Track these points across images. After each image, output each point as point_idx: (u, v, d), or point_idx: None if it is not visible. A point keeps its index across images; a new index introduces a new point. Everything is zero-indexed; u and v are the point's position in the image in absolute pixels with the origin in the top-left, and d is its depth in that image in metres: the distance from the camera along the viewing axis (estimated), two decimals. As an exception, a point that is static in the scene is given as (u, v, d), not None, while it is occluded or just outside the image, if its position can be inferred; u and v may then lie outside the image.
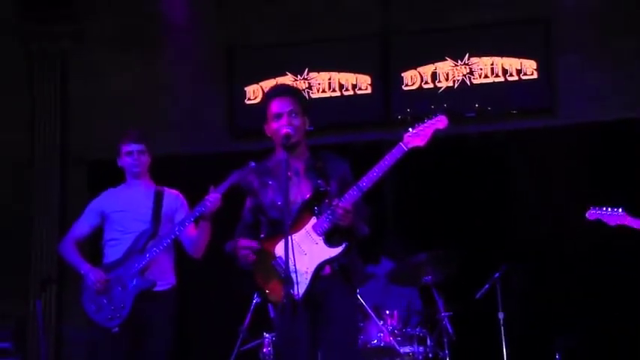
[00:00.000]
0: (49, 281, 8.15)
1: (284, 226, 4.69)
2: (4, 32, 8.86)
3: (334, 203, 4.81)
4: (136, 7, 8.96)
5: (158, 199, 6.02)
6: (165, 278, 5.93)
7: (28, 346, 8.06)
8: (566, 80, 8.37)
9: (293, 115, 5.02)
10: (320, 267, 4.89)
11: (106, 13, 9.02)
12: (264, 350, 7.06)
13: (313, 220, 4.92)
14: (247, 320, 7.15)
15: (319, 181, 4.98)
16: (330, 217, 4.85)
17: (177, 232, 5.81)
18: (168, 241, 5.81)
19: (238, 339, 7.19)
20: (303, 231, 4.92)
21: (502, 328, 7.30)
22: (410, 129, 4.91)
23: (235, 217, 5.30)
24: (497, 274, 7.37)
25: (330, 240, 4.90)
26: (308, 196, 4.98)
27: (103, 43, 8.99)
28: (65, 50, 8.98)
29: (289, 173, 4.92)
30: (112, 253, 5.93)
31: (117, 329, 5.69)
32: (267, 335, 7.08)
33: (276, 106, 5.06)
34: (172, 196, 6.09)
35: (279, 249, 4.83)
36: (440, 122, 4.95)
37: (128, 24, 8.99)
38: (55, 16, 8.87)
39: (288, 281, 4.65)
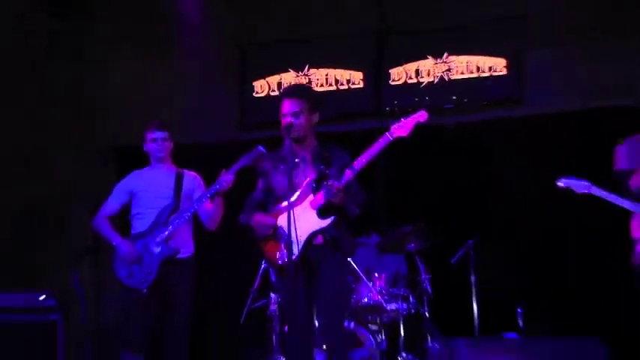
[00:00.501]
0: (86, 251, 8.30)
1: (287, 200, 5.05)
2: (28, 29, 8.69)
3: (329, 183, 5.17)
4: (153, 8, 8.91)
5: (179, 179, 6.18)
6: (185, 247, 6.08)
7: (70, 306, 7.74)
8: (532, 75, 8.40)
9: (296, 115, 5.33)
10: (312, 235, 5.27)
11: (125, 13, 9.01)
12: (271, 307, 7.23)
13: (311, 197, 5.29)
14: (257, 283, 7.33)
15: (322, 167, 5.33)
16: (325, 194, 5.21)
17: (195, 207, 5.98)
18: (188, 214, 5.99)
19: (249, 298, 7.34)
20: (302, 206, 5.27)
21: (473, 288, 7.52)
22: (395, 121, 5.26)
23: (244, 195, 5.59)
24: (469, 243, 7.58)
25: (322, 214, 5.26)
26: (311, 177, 5.33)
27: (120, 43, 8.99)
28: (94, 50, 8.96)
29: (297, 160, 5.33)
30: (139, 225, 6.10)
31: (146, 291, 5.86)
32: (273, 295, 7.26)
33: (283, 106, 5.41)
34: (191, 177, 6.27)
35: (281, 219, 5.26)
36: (421, 117, 5.30)
37: (146, 23, 8.95)
38: (82, 19, 8.88)
39: (288, 245, 4.96)
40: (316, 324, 6.24)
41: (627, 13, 8.16)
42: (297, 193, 5.30)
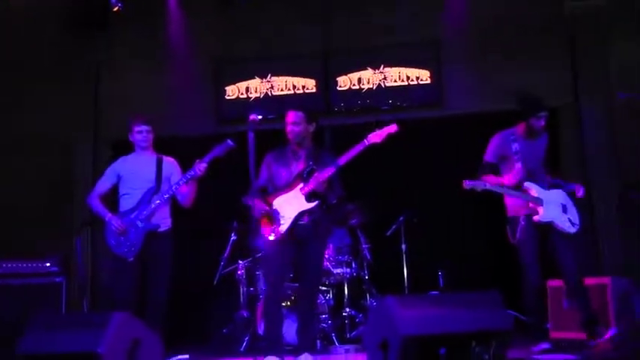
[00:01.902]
0: (86, 223, 8.09)
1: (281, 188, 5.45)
2: (52, 47, 8.81)
3: (315, 175, 5.45)
4: (152, 31, 8.94)
5: (159, 164, 6.11)
6: (165, 222, 6.02)
7: (71, 271, 7.91)
8: (449, 84, 8.50)
9: (295, 124, 5.61)
10: (299, 215, 5.47)
11: (130, 35, 8.95)
12: (239, 273, 7.35)
13: (301, 185, 5.50)
14: (227, 252, 7.42)
15: (311, 162, 5.58)
16: (311, 184, 5.45)
17: (174, 190, 5.95)
18: (168, 195, 5.95)
19: (220, 265, 7.43)
20: (292, 192, 5.51)
21: (404, 255, 7.64)
22: (373, 132, 5.56)
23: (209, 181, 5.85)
24: (401, 218, 7.69)
25: (308, 198, 5.48)
26: (302, 169, 5.58)
27: (126, 55, 8.97)
28: (99, 61, 8.97)
29: (295, 158, 5.65)
30: (126, 203, 6.02)
31: (132, 259, 5.82)
32: (240, 262, 7.38)
33: (288, 116, 5.67)
34: (169, 162, 6.20)
35: (275, 202, 5.51)
36: (392, 128, 5.64)
37: (144, 42, 8.97)
38: (92, 36, 8.84)
39: (277, 222, 5.39)
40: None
41: (516, 38, 8.46)
42: (291, 182, 5.56)
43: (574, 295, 5.84)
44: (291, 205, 5.46)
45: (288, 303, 6.94)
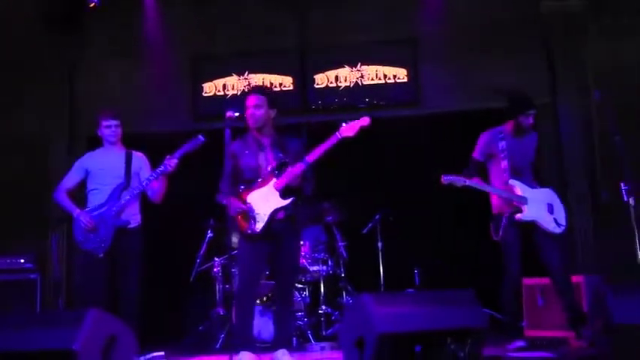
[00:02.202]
0: (60, 221, 7.91)
1: (254, 183, 5.23)
2: (26, 44, 8.73)
3: (289, 170, 5.27)
4: (126, 27, 8.87)
5: (128, 159, 6.00)
6: (135, 219, 5.92)
7: (46, 267, 8.02)
8: (426, 82, 8.52)
9: (257, 107, 5.40)
10: (275, 212, 5.29)
11: (104, 31, 8.87)
12: (215, 270, 7.34)
13: (274, 180, 5.31)
14: (203, 249, 7.42)
15: (280, 155, 5.40)
16: (285, 179, 5.26)
17: (144, 186, 5.86)
18: (137, 191, 5.85)
19: (196, 262, 7.43)
20: (266, 188, 5.31)
21: (380, 252, 7.66)
22: (344, 123, 5.36)
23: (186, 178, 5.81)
24: (377, 217, 7.72)
25: (283, 195, 5.31)
26: (274, 164, 5.37)
27: (102, 52, 8.89)
28: (73, 58, 8.89)
29: (259, 146, 5.43)
30: (94, 199, 5.90)
31: (102, 255, 5.72)
32: (216, 259, 7.37)
33: (246, 99, 5.47)
34: (138, 157, 6.09)
35: (249, 198, 5.31)
36: (364, 121, 5.43)
37: (120, 39, 8.90)
38: (65, 32, 8.78)
39: (253, 219, 5.21)
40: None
41: (493, 37, 8.51)
42: (263, 178, 5.36)
43: (561, 294, 5.86)
44: (266, 201, 5.29)
45: (264, 299, 6.93)
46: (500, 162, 5.92)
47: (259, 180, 5.34)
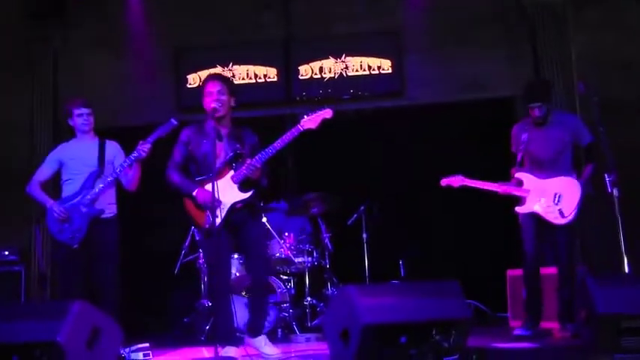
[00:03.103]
0: (44, 212, 8.01)
1: (212, 174, 5.01)
2: (10, 34, 8.71)
3: (249, 162, 5.16)
4: (111, 18, 8.83)
5: (102, 148, 5.89)
6: (110, 208, 5.82)
7: (30, 259, 8.03)
8: (410, 74, 8.55)
9: (220, 93, 5.29)
10: (234, 205, 5.22)
11: (87, 21, 8.83)
12: (200, 261, 7.28)
13: (231, 173, 5.24)
14: (188, 240, 7.33)
15: (237, 146, 5.30)
16: (245, 171, 5.17)
17: (117, 173, 5.75)
18: (111, 179, 5.74)
19: (181, 254, 7.37)
20: (223, 180, 5.21)
21: (365, 244, 7.64)
22: (305, 115, 5.25)
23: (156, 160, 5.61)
24: (362, 208, 7.70)
25: (242, 187, 5.25)
26: (230, 155, 5.27)
27: (85, 43, 8.85)
28: (56, 48, 8.86)
29: (215, 135, 5.25)
30: (69, 189, 5.81)
31: (77, 246, 5.63)
32: (201, 251, 7.15)
33: (209, 86, 5.33)
34: (112, 145, 5.99)
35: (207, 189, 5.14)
36: (327, 113, 5.32)
37: (104, 30, 8.87)
38: (49, 23, 8.74)
39: (212, 212, 5.03)
40: (233, 274, 6.28)
41: (477, 29, 8.58)
42: (219, 169, 5.23)
43: (561, 286, 5.88)
44: (224, 194, 5.15)
45: (243, 293, 6.88)
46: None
47: (213, 172, 5.10)
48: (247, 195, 5.26)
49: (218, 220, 5.12)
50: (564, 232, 5.79)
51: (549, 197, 5.80)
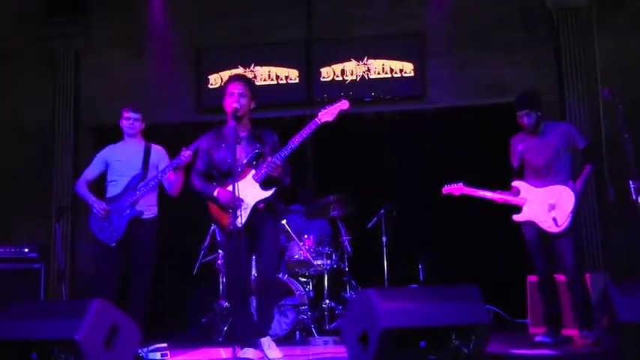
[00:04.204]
0: (64, 210, 8.18)
1: (233, 176, 5.00)
2: (32, 34, 8.84)
3: (269, 160, 5.17)
4: (132, 18, 8.88)
5: (147, 152, 6.03)
6: (150, 210, 5.96)
7: (50, 256, 8.10)
8: (432, 77, 8.52)
9: (242, 95, 5.28)
10: (256, 204, 5.22)
11: (109, 21, 8.90)
12: (218, 262, 7.26)
13: (252, 172, 5.23)
14: (207, 241, 7.34)
15: (258, 145, 5.30)
16: (265, 169, 5.17)
17: (160, 177, 5.87)
18: (154, 182, 5.86)
19: (200, 254, 7.37)
20: (245, 180, 5.21)
21: (384, 247, 7.62)
22: (322, 109, 5.25)
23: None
24: (382, 211, 7.67)
25: (264, 185, 5.23)
26: (250, 155, 5.27)
27: (107, 43, 8.92)
28: (78, 46, 8.92)
29: (234, 139, 5.20)
30: (113, 190, 5.96)
31: (114, 244, 5.77)
32: (220, 252, 7.20)
33: (231, 86, 5.32)
34: (157, 150, 6.12)
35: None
36: (343, 105, 5.29)
37: (125, 30, 8.91)
38: (71, 22, 8.84)
39: (234, 212, 4.99)
40: (253, 275, 6.28)
41: (500, 33, 8.54)
42: (241, 170, 5.24)
43: (572, 292, 5.85)
44: (246, 193, 5.15)
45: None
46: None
47: (235, 173, 5.11)
48: (269, 193, 5.26)
49: (241, 221, 5.09)
50: (564, 240, 5.80)
51: (543, 206, 5.84)
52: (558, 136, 5.93)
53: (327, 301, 7.26)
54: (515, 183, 5.99)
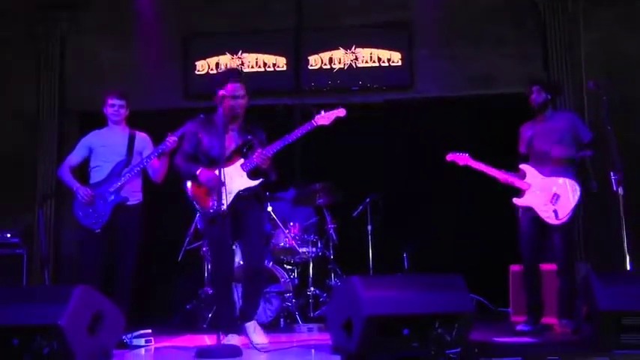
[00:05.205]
0: (48, 196, 8.15)
1: (219, 162, 5.02)
2: (17, 18, 8.77)
3: (260, 151, 5.25)
4: (119, 3, 8.81)
5: (131, 139, 6.02)
6: (135, 196, 5.95)
7: (33, 242, 8.07)
8: (420, 67, 8.50)
9: (243, 97, 5.39)
10: (240, 192, 5.29)
11: (95, 7, 8.83)
12: (204, 249, 7.29)
13: (241, 161, 5.31)
14: (192, 228, 7.35)
15: (249, 136, 5.40)
16: (256, 159, 5.25)
17: (144, 163, 5.87)
18: (138, 169, 5.87)
19: (185, 240, 7.39)
20: (232, 167, 5.29)
21: (370, 236, 7.62)
22: (321, 112, 5.44)
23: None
24: (367, 200, 7.67)
25: (251, 176, 5.32)
26: (240, 142, 5.37)
27: (93, 29, 8.83)
28: (64, 32, 8.81)
29: (227, 128, 5.35)
30: (96, 176, 5.94)
31: (99, 231, 5.76)
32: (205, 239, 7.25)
33: (235, 88, 5.36)
34: (141, 137, 6.10)
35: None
36: (340, 112, 5.51)
37: (112, 16, 8.84)
38: (56, 6, 8.74)
39: (219, 197, 5.01)
40: (237, 262, 6.30)
41: (487, 25, 8.54)
42: (229, 156, 5.29)
43: (560, 283, 5.90)
44: (232, 180, 5.24)
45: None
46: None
47: (223, 159, 5.14)
48: (255, 183, 5.34)
49: (226, 203, 5.13)
50: (560, 231, 5.84)
51: (547, 196, 5.85)
52: (564, 122, 5.98)
53: (312, 289, 7.28)
54: (523, 166, 6.01)
